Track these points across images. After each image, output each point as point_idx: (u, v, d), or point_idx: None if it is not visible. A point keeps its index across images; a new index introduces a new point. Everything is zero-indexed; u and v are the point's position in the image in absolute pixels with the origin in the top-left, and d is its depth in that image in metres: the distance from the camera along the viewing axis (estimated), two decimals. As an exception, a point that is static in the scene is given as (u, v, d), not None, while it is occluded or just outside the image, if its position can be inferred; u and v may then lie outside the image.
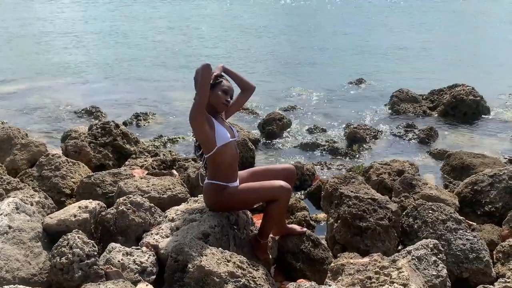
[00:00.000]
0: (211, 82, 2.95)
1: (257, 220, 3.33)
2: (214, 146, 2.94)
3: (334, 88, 9.47)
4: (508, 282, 2.81)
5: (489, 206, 3.98)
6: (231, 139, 3.03)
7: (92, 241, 2.73)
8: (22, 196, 3.38)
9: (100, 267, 2.62)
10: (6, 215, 2.83)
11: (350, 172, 4.56)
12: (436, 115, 7.80)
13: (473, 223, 3.84)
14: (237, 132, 3.32)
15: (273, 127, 6.79)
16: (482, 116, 7.57)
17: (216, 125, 2.98)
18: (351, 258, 2.83)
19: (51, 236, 2.97)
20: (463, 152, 5.36)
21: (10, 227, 2.79)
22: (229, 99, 3.07)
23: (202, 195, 3.32)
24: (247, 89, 3.32)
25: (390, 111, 8.00)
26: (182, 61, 12.12)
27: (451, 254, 3.18)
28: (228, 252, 2.67)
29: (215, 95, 3.01)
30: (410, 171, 4.66)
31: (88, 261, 2.59)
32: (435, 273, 2.80)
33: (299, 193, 4.76)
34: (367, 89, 9.53)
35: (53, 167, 4.35)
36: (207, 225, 2.92)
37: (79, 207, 3.16)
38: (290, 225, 3.40)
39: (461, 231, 3.32)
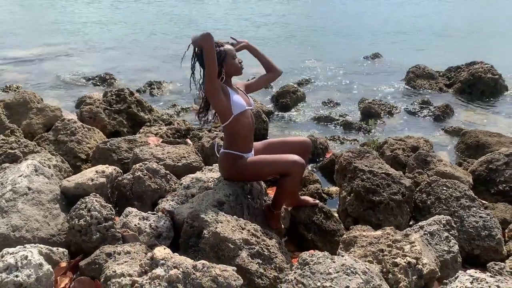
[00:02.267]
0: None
1: (271, 192, 3.36)
2: (231, 115, 2.93)
3: (349, 62, 9.36)
4: (520, 260, 2.83)
5: (503, 185, 3.95)
6: (247, 107, 3.02)
7: (110, 205, 2.78)
8: (40, 159, 3.43)
9: (117, 230, 2.67)
10: (25, 176, 2.89)
11: (365, 147, 4.54)
12: (452, 92, 7.68)
13: (485, 202, 3.83)
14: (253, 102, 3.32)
15: (287, 100, 6.75)
16: (500, 94, 7.44)
17: (231, 94, 2.96)
18: (363, 231, 2.85)
19: (68, 199, 3.03)
20: (479, 130, 5.29)
21: (29, 188, 2.85)
22: (240, 59, 3.09)
23: (216, 164, 3.35)
24: (273, 72, 3.34)
25: (405, 87, 7.90)
26: (196, 29, 12.01)
27: (463, 231, 3.19)
28: (243, 220, 2.70)
29: (229, 64, 2.99)
30: (425, 147, 4.62)
31: (106, 224, 2.64)
32: (446, 249, 2.81)
33: (312, 166, 4.77)
34: (382, 64, 9.39)
35: (68, 132, 4.39)
36: (222, 194, 2.94)
37: (96, 171, 3.20)
38: (303, 197, 3.41)
39: (474, 208, 3.32)
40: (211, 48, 2.80)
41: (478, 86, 7.46)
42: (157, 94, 7.32)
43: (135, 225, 2.76)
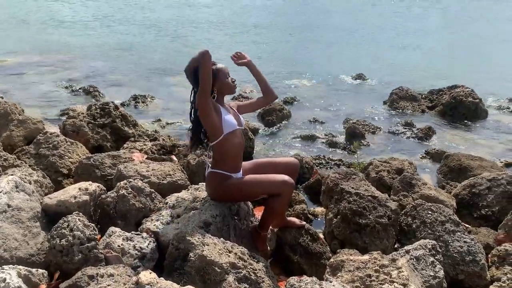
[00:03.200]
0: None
1: (258, 213, 3.32)
2: (221, 134, 2.91)
3: (334, 82, 9.46)
4: (504, 286, 2.85)
5: (486, 209, 4.00)
6: (238, 127, 3.01)
7: (93, 224, 2.70)
8: (21, 174, 3.33)
9: (100, 251, 2.59)
10: (5, 193, 2.79)
11: (351, 168, 4.55)
12: (434, 114, 7.81)
13: (469, 226, 3.87)
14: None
15: (273, 118, 6.77)
16: (480, 118, 7.60)
17: (223, 112, 2.96)
18: (350, 255, 2.83)
19: (50, 217, 2.94)
20: (461, 153, 5.37)
21: (9, 205, 2.75)
22: (233, 78, 3.09)
23: (202, 183, 3.30)
24: (269, 96, 3.36)
25: (389, 108, 8.01)
26: (181, 45, 12.02)
27: (448, 255, 3.20)
28: (230, 242, 2.66)
29: (221, 83, 2.99)
30: (409, 170, 4.67)
31: (89, 244, 2.56)
32: (432, 274, 2.82)
33: (298, 186, 4.75)
34: (366, 84, 9.52)
35: (51, 145, 4.29)
36: (209, 214, 2.90)
37: (79, 188, 3.12)
38: (289, 218, 3.39)
39: (459, 233, 3.34)
40: (208, 64, 2.81)
41: (460, 110, 7.61)
42: (142, 108, 7.25)
43: (119, 245, 2.68)
